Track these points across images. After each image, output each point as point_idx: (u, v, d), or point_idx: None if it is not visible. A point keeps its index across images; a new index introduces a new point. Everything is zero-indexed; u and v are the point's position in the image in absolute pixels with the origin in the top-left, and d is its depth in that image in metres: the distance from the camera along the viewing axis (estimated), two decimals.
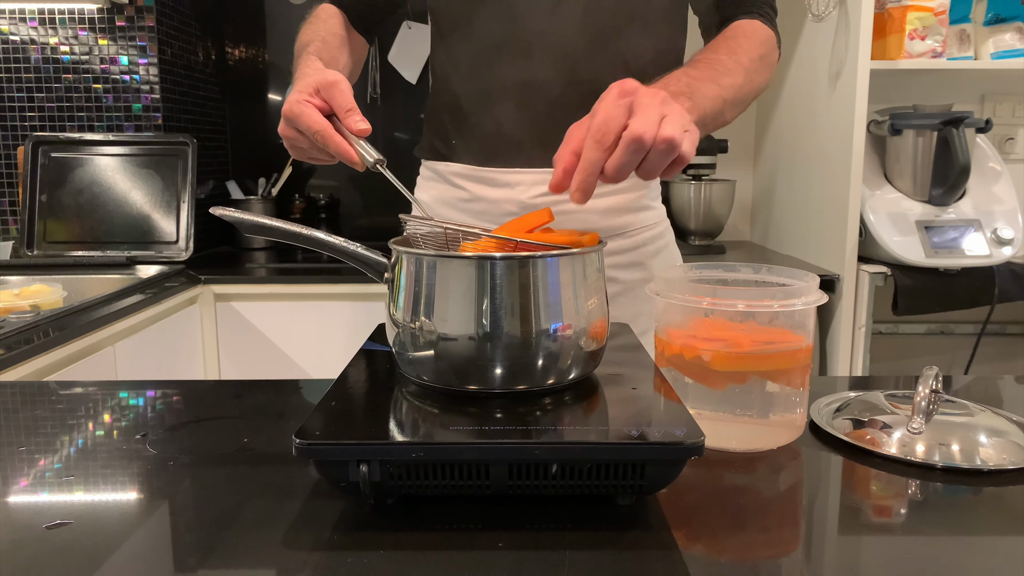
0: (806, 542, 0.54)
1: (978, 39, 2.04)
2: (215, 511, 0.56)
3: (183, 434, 0.72)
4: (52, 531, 0.53)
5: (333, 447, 0.52)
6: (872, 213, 1.91)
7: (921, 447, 0.65)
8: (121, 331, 1.53)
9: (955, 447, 0.65)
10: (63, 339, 1.33)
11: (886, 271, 1.88)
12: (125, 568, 0.49)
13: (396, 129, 2.53)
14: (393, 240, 0.67)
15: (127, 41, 2.13)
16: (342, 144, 0.74)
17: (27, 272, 1.88)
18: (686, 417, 0.56)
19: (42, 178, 2.10)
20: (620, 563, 0.49)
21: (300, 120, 0.75)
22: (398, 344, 0.63)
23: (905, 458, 0.64)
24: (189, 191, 2.10)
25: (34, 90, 2.14)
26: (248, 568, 0.49)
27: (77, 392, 0.86)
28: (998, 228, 1.87)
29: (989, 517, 0.57)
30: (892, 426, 0.69)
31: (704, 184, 2.23)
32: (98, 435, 0.72)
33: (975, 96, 2.26)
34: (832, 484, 0.64)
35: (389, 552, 0.50)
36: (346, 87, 0.77)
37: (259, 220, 0.66)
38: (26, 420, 0.78)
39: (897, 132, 1.93)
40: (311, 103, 0.75)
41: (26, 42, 2.12)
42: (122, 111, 2.16)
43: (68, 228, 2.10)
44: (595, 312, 0.63)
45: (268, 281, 1.96)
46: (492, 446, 0.52)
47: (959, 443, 0.66)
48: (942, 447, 0.65)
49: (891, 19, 1.94)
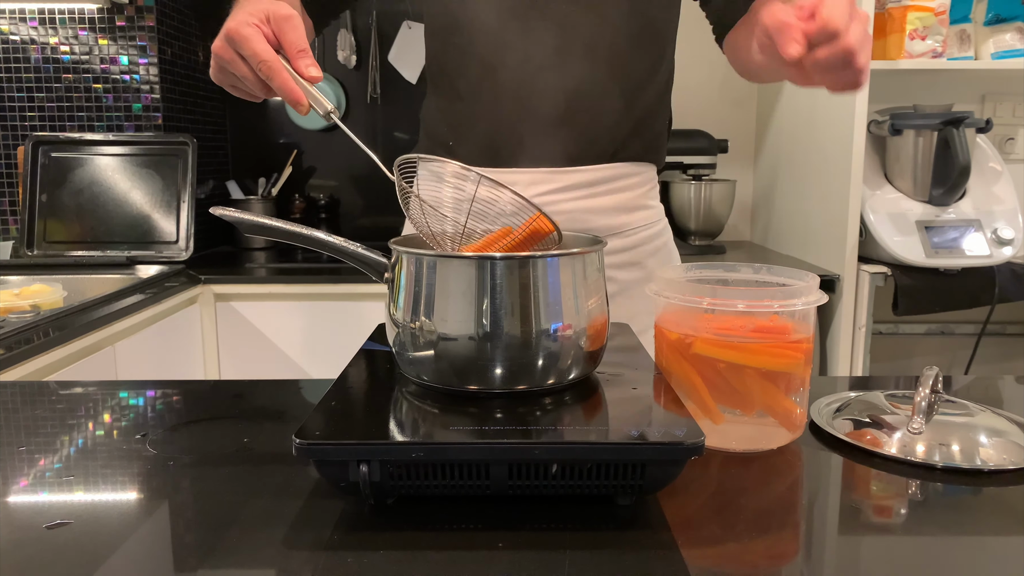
0: (806, 542, 0.54)
1: (978, 39, 2.04)
2: (215, 511, 0.56)
3: (183, 434, 0.72)
4: (52, 531, 0.53)
5: (333, 447, 0.52)
6: (872, 213, 1.91)
7: (921, 447, 0.65)
8: (121, 331, 1.53)
9: (955, 447, 0.65)
10: (63, 339, 1.33)
11: (886, 271, 1.88)
12: (125, 568, 0.49)
13: (396, 129, 2.53)
14: (393, 240, 0.67)
15: (127, 41, 2.13)
16: (288, 82, 0.69)
17: (27, 272, 1.88)
18: (686, 417, 0.56)
19: (42, 178, 2.10)
20: (620, 563, 0.49)
21: (246, 44, 0.69)
22: (398, 344, 0.63)
23: (905, 458, 0.64)
24: (189, 191, 2.10)
25: (34, 90, 2.15)
26: (248, 568, 0.49)
27: (77, 392, 0.86)
28: (998, 228, 1.87)
29: (989, 517, 0.57)
30: (892, 426, 0.68)
31: (704, 184, 2.23)
32: (98, 435, 0.72)
33: (975, 96, 2.26)
34: (832, 484, 0.64)
35: (389, 552, 0.50)
36: (299, 24, 0.71)
37: (259, 220, 0.66)
38: (26, 420, 0.78)
39: (897, 132, 1.93)
40: (260, 29, 0.70)
41: (26, 42, 2.12)
42: (122, 111, 2.16)
43: (68, 228, 2.10)
44: (595, 312, 0.63)
45: (268, 281, 1.96)
46: (492, 446, 0.52)
47: (959, 443, 0.66)
48: (942, 447, 0.65)
49: (891, 19, 1.94)
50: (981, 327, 1.93)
